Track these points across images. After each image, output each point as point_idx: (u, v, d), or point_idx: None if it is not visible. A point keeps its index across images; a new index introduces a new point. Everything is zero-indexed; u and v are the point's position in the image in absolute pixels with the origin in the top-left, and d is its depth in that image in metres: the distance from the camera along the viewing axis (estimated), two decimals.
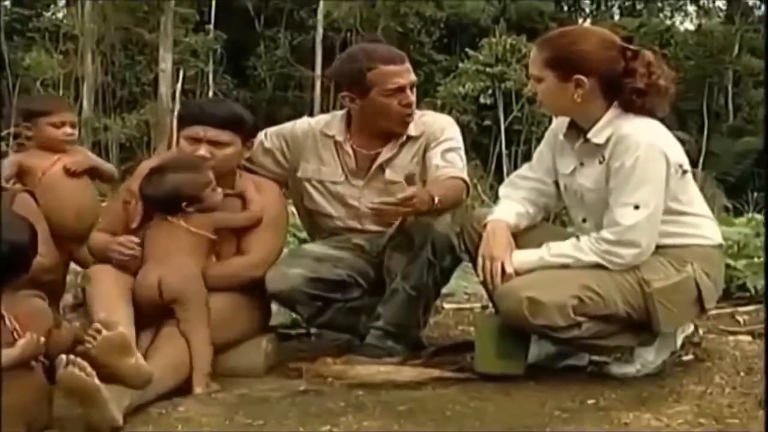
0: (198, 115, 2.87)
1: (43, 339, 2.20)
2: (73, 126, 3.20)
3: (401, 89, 2.95)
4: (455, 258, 2.88)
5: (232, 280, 2.81)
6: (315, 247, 3.03)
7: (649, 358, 2.69)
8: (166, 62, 18.91)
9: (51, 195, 3.04)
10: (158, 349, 2.54)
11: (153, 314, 2.65)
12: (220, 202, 2.83)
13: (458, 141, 3.04)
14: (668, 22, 27.63)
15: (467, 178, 2.98)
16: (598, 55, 2.56)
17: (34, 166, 3.13)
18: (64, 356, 2.16)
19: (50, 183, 3.10)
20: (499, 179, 17.87)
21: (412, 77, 3.01)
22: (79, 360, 2.15)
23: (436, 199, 2.74)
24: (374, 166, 3.05)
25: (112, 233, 2.83)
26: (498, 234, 2.67)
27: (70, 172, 3.16)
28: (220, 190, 2.82)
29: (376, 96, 2.95)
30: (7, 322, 2.17)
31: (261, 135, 3.09)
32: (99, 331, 2.22)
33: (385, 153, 3.04)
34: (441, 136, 3.01)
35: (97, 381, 2.16)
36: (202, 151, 2.82)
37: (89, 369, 2.15)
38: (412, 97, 2.99)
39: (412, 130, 3.03)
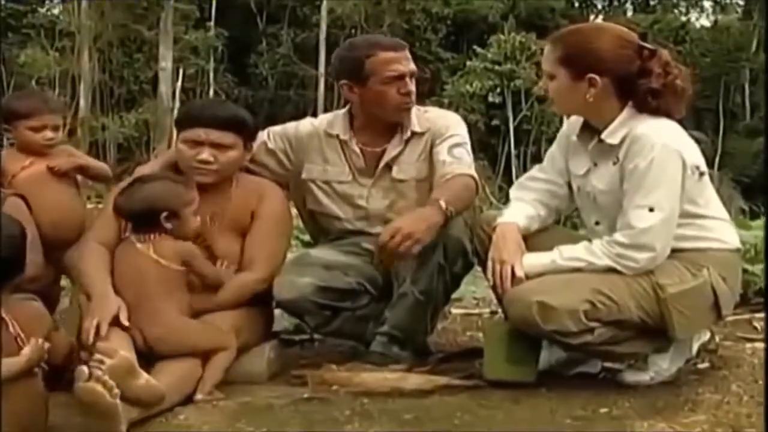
0: (199, 117, 2.84)
1: (46, 344, 2.21)
2: (55, 129, 3.07)
3: (400, 77, 2.96)
4: (467, 263, 2.88)
5: (239, 299, 2.81)
6: (324, 254, 3.00)
7: (663, 365, 2.69)
8: (166, 60, 18.93)
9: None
10: (164, 367, 2.53)
11: None
12: (197, 229, 2.73)
13: (464, 136, 3.05)
14: (683, 18, 27.59)
15: (476, 175, 2.98)
16: (613, 54, 2.56)
17: (5, 169, 3.02)
18: (86, 369, 2.17)
19: (19, 188, 2.96)
20: (508, 180, 17.87)
21: (412, 66, 3.01)
22: (103, 376, 2.16)
23: (443, 205, 2.74)
24: (381, 165, 3.05)
25: (105, 242, 2.74)
26: (508, 237, 2.67)
27: (54, 173, 3.05)
28: (199, 218, 2.73)
29: (375, 84, 2.96)
30: (11, 327, 2.18)
31: (264, 135, 3.09)
32: (102, 362, 2.22)
33: (391, 150, 3.04)
34: (446, 132, 3.02)
35: (117, 400, 2.18)
36: (205, 154, 2.79)
37: (116, 390, 2.17)
38: (412, 86, 2.99)
39: (416, 125, 3.04)
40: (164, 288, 2.63)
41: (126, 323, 2.54)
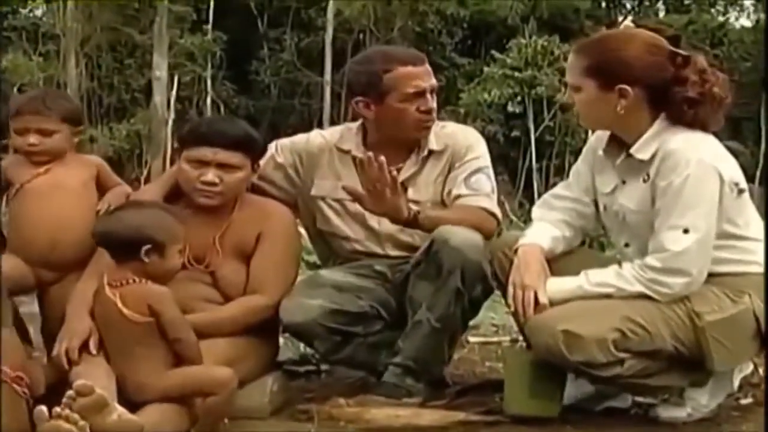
0: (205, 135, 2.85)
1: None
2: (42, 134, 2.88)
3: (421, 94, 2.98)
4: (487, 288, 2.89)
5: (245, 323, 2.82)
6: (335, 275, 3.02)
7: (701, 400, 2.68)
8: (160, 69, 18.95)
9: (24, 213, 2.88)
10: (151, 406, 2.51)
11: None
12: (175, 270, 2.65)
13: (485, 159, 3.08)
14: (721, 18, 27.50)
15: (495, 209, 3.00)
16: (644, 62, 2.57)
17: (14, 176, 2.91)
18: (44, 409, 2.18)
19: (25, 198, 2.88)
20: (529, 196, 17.80)
21: (433, 81, 3.04)
22: (68, 412, 2.18)
23: (413, 210, 2.83)
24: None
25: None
26: (530, 260, 2.68)
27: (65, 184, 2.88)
28: (181, 260, 2.67)
29: (393, 102, 2.98)
30: None
31: (271, 148, 3.12)
32: (74, 399, 2.24)
33: (407, 169, 3.06)
34: (466, 153, 3.05)
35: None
36: (210, 175, 2.81)
37: (81, 422, 2.18)
38: (433, 103, 3.01)
39: (434, 143, 3.06)
40: (136, 341, 2.56)
41: (94, 351, 2.57)
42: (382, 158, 2.77)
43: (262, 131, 3.15)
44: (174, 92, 19.42)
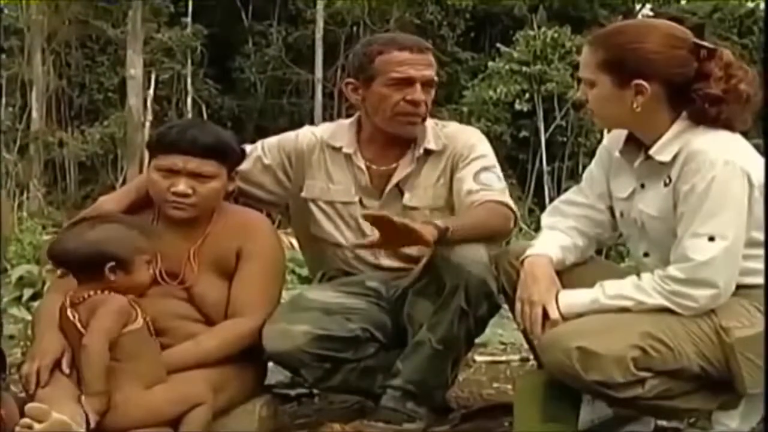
0: (175, 142, 2.84)
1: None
2: None
3: (409, 81, 3.00)
4: (493, 305, 2.89)
5: (230, 350, 2.82)
6: (322, 296, 3.01)
7: (732, 425, 2.68)
8: (136, 66, 18.97)
9: None
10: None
11: None
12: (147, 284, 2.67)
13: (492, 158, 3.09)
14: (750, 4, 27.50)
15: (510, 201, 2.99)
16: (664, 56, 2.57)
17: None
18: None
19: None
20: (540, 201, 17.83)
21: (428, 73, 3.04)
22: None
23: (442, 225, 2.74)
24: (389, 186, 3.08)
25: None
26: (538, 273, 2.68)
27: None
28: (151, 271, 2.69)
29: (379, 86, 3.02)
30: None
31: (257, 149, 3.14)
32: (30, 427, 2.23)
33: (402, 169, 3.08)
34: (471, 153, 3.05)
35: None
36: (182, 186, 2.80)
37: None
38: (421, 96, 3.02)
39: (431, 143, 3.08)
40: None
41: (67, 370, 2.57)
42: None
43: (247, 134, 3.16)
44: (151, 92, 19.44)
